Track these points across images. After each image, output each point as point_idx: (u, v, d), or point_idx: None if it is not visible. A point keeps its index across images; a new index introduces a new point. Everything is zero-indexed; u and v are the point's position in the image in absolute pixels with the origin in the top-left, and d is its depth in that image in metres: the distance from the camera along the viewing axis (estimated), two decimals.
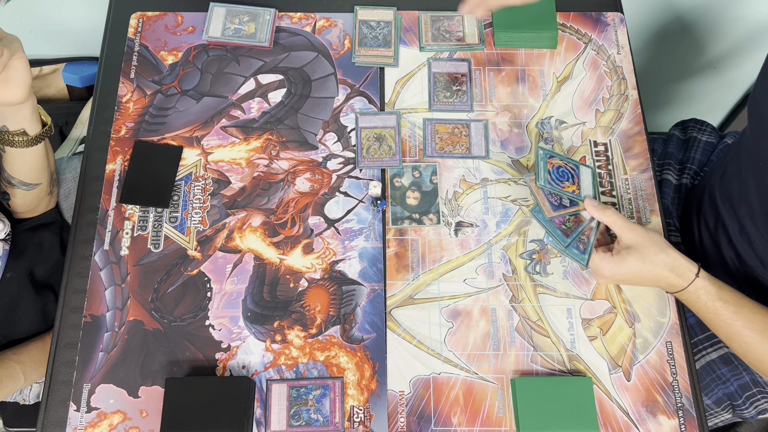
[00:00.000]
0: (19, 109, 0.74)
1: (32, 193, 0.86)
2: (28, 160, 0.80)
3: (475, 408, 0.72)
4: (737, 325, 0.68)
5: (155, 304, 0.76)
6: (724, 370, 0.85)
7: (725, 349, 0.85)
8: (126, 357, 0.74)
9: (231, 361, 0.74)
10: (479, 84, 0.89)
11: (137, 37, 0.91)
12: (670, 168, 0.98)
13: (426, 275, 0.78)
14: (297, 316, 0.76)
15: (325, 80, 0.89)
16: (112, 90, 0.88)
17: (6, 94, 0.70)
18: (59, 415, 0.71)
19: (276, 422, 0.71)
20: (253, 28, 0.91)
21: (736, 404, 0.86)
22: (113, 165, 0.83)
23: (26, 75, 0.70)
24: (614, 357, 0.75)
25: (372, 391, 0.73)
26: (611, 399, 0.73)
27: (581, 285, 0.78)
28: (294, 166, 0.84)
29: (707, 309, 0.70)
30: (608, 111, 0.88)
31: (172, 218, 0.80)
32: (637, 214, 0.82)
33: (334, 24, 0.93)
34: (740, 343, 0.69)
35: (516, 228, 0.81)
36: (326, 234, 0.80)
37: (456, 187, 0.83)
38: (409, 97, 0.88)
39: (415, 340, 0.75)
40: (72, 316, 0.75)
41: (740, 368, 0.84)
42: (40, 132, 0.78)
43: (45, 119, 0.80)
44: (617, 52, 0.92)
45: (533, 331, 0.76)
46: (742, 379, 0.84)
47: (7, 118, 0.75)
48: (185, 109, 0.87)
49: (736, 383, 0.85)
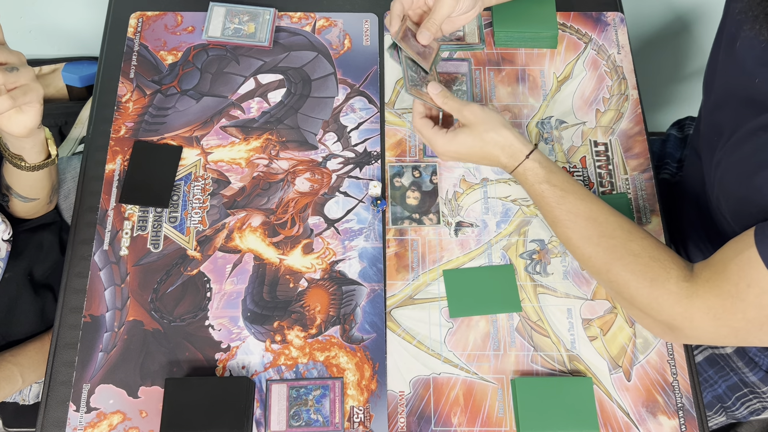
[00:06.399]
0: (17, 140, 0.73)
1: (29, 204, 0.86)
2: (25, 179, 0.80)
3: (475, 408, 0.72)
4: (561, 209, 0.68)
5: (155, 304, 0.76)
6: (710, 372, 0.84)
7: (710, 350, 0.85)
8: (126, 357, 0.73)
9: (231, 362, 0.74)
10: (479, 84, 0.89)
11: (137, 36, 0.91)
12: (667, 167, 0.98)
13: (426, 275, 0.78)
14: (297, 317, 0.76)
15: (325, 80, 0.89)
16: (112, 90, 0.88)
17: (5, 125, 0.69)
18: (59, 416, 0.71)
19: (276, 422, 0.71)
20: (253, 28, 0.91)
21: (726, 406, 0.85)
22: (113, 165, 0.83)
23: (31, 120, 0.69)
24: (614, 357, 0.75)
25: (372, 391, 0.73)
26: (611, 399, 0.73)
27: (581, 285, 0.78)
28: (294, 166, 0.84)
29: (534, 191, 0.70)
30: (608, 111, 0.88)
31: (172, 218, 0.80)
32: (637, 214, 0.82)
33: (334, 24, 0.93)
34: (564, 228, 0.69)
35: (516, 228, 0.81)
36: (326, 234, 0.80)
37: (456, 187, 0.83)
38: (409, 97, 0.88)
39: (415, 341, 0.75)
40: (71, 316, 0.75)
41: (726, 369, 0.84)
42: (41, 163, 0.78)
43: (51, 151, 0.79)
44: (617, 51, 0.92)
45: (533, 332, 0.76)
46: (729, 380, 0.84)
47: (8, 140, 0.74)
48: (185, 108, 0.87)
49: (723, 385, 0.84)
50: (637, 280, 0.64)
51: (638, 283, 0.63)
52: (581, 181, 0.83)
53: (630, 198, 0.82)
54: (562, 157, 0.85)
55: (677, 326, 0.62)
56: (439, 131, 0.73)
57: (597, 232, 0.67)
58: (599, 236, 0.67)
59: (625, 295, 0.66)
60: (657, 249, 0.64)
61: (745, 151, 0.61)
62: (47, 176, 0.82)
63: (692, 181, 0.84)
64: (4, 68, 0.63)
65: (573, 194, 0.69)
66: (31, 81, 0.66)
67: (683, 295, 0.61)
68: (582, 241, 0.68)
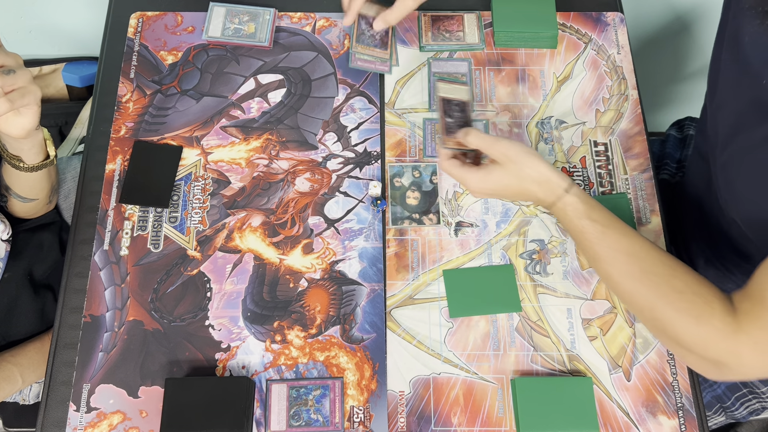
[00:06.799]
0: (15, 141, 0.73)
1: (29, 205, 0.86)
2: (24, 179, 0.80)
3: (475, 408, 0.72)
4: (603, 245, 0.66)
5: (155, 304, 0.76)
6: None
7: None
8: (126, 357, 0.73)
9: (231, 361, 0.74)
10: (479, 84, 0.89)
11: (137, 36, 0.91)
12: (666, 168, 0.98)
13: (426, 275, 0.78)
14: (297, 316, 0.76)
15: (325, 80, 0.89)
16: (112, 90, 0.88)
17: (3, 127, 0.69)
18: (59, 416, 0.71)
19: (276, 422, 0.71)
20: (253, 28, 0.91)
21: (725, 406, 0.85)
22: (113, 165, 0.83)
23: (29, 122, 0.69)
24: (614, 357, 0.75)
25: (372, 391, 0.73)
26: (611, 399, 0.73)
27: (581, 285, 0.78)
28: (294, 166, 0.84)
29: (574, 226, 0.68)
30: (608, 111, 0.88)
31: (172, 218, 0.80)
32: (637, 214, 0.82)
33: (334, 24, 0.93)
34: (605, 264, 0.66)
35: (516, 228, 0.81)
36: (326, 234, 0.80)
37: (456, 187, 0.83)
38: (409, 97, 0.88)
39: (415, 340, 0.75)
40: (71, 316, 0.75)
41: None
42: (39, 164, 0.78)
43: (50, 152, 0.79)
44: (617, 52, 0.92)
45: (533, 331, 0.76)
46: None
47: (6, 142, 0.74)
48: (185, 108, 0.87)
49: (723, 385, 0.84)
50: (682, 319, 0.61)
51: (684, 321, 0.61)
52: (581, 181, 0.83)
53: (630, 198, 0.82)
54: (562, 157, 0.85)
55: (725, 363, 0.59)
56: (470, 169, 0.71)
57: (639, 268, 0.64)
58: (642, 273, 0.64)
59: (669, 334, 0.63)
60: (699, 284, 0.62)
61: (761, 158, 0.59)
62: (46, 177, 0.82)
63: (695, 181, 0.84)
64: (1, 71, 0.62)
65: (614, 229, 0.66)
66: (29, 83, 0.66)
67: (729, 331, 0.58)
68: (624, 278, 0.65)
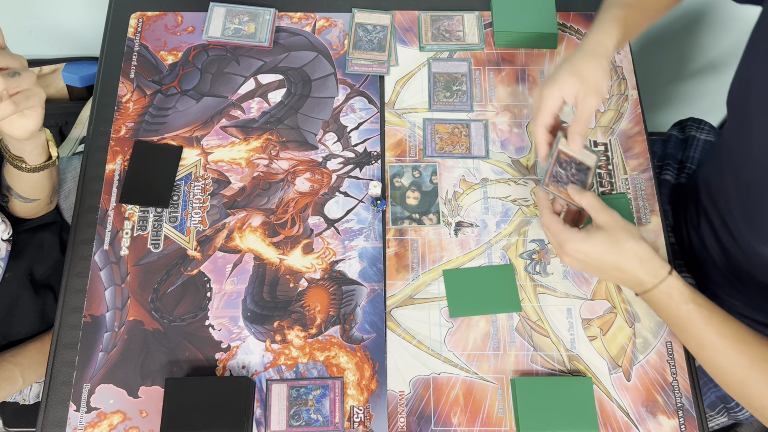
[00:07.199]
0: (18, 142, 0.73)
1: (30, 205, 0.86)
2: (26, 180, 0.80)
3: (475, 408, 0.72)
4: (710, 331, 0.63)
5: (155, 304, 0.76)
6: None
7: None
8: (126, 357, 0.74)
9: (231, 361, 0.74)
10: (479, 84, 0.89)
11: (137, 37, 0.91)
12: (669, 168, 0.98)
13: (426, 275, 0.78)
14: (297, 316, 0.76)
15: (325, 80, 0.89)
16: (112, 90, 0.88)
17: (7, 129, 0.69)
18: (59, 415, 0.71)
19: (276, 422, 0.71)
20: (253, 28, 0.91)
21: (729, 406, 0.85)
22: (113, 165, 0.83)
23: (33, 124, 0.69)
24: (614, 357, 0.75)
25: (372, 391, 0.73)
26: (611, 399, 0.73)
27: (581, 285, 0.78)
28: (294, 166, 0.84)
29: (679, 312, 0.64)
30: (608, 111, 0.88)
31: (172, 218, 0.80)
32: (637, 214, 0.82)
33: (334, 24, 0.93)
34: (712, 351, 0.64)
35: (516, 228, 0.81)
36: (326, 234, 0.80)
37: (456, 187, 0.83)
38: (409, 97, 0.88)
39: (415, 340, 0.75)
40: (72, 316, 0.75)
41: None
42: (41, 164, 0.78)
43: (52, 153, 0.79)
44: (617, 52, 0.91)
45: (533, 331, 0.76)
46: None
47: (9, 142, 0.74)
48: (185, 109, 0.87)
49: None
50: None
51: None
52: None
53: (630, 198, 0.82)
54: None
55: None
56: (570, 229, 0.67)
57: (748, 355, 0.62)
58: (751, 360, 0.62)
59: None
60: None
61: None
62: (48, 177, 0.82)
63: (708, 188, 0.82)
64: (5, 73, 0.62)
65: (717, 314, 0.63)
66: (33, 85, 0.66)
67: None
68: (734, 366, 0.62)
